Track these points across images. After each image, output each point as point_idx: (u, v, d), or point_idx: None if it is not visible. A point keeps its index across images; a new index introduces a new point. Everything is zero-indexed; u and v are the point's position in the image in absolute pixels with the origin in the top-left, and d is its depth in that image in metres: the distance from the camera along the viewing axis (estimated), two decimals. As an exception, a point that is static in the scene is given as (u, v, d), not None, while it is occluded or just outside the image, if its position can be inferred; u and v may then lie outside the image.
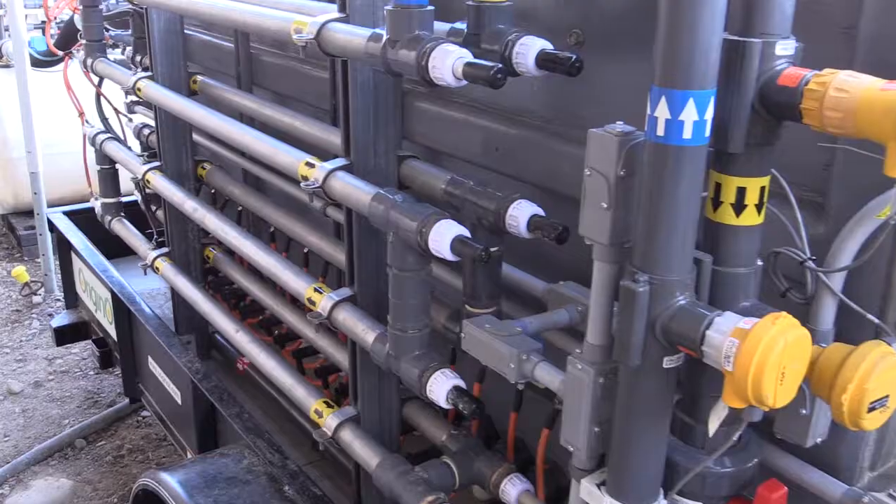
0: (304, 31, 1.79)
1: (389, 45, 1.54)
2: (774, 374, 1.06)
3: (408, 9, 1.51)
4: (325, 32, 1.74)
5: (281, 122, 2.50)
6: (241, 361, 3.03)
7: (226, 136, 2.48)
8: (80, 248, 3.79)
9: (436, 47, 1.46)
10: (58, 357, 4.96)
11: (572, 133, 1.78)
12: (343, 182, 1.82)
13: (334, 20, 1.76)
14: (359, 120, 1.87)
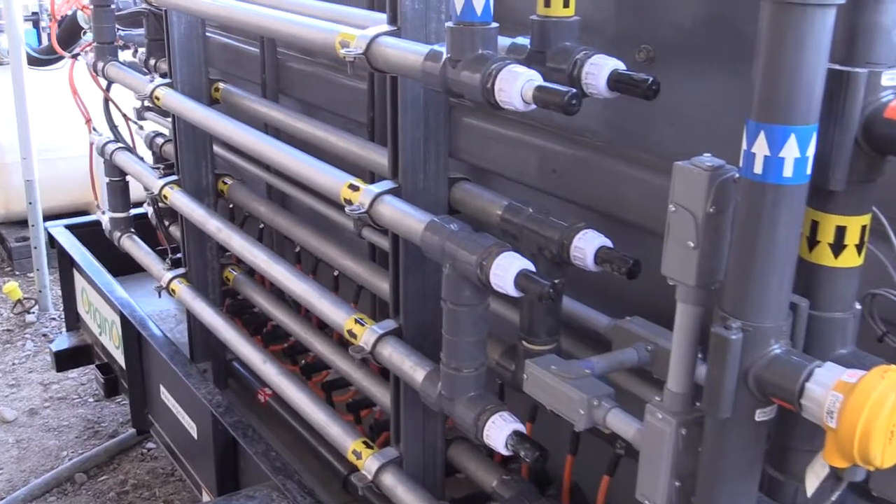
0: (352, 44, 1.84)
1: (450, 64, 1.58)
2: (884, 433, 1.08)
3: (471, 26, 1.55)
4: (375, 47, 1.79)
5: (313, 136, 2.55)
6: (262, 393, 3.08)
7: (257, 151, 2.54)
8: (85, 266, 3.86)
9: (502, 68, 1.50)
10: (54, 382, 5.03)
11: (640, 156, 1.81)
12: (392, 208, 1.86)
13: (385, 34, 1.80)
14: (408, 139, 1.91)
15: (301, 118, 2.67)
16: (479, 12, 1.54)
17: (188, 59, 2.95)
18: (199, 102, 2.90)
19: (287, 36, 2.11)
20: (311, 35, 2.01)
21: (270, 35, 2.22)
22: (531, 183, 2.07)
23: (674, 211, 1.28)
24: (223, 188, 3.13)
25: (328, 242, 2.69)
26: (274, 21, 2.15)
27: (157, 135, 3.62)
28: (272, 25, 2.14)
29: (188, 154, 3.04)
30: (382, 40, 1.78)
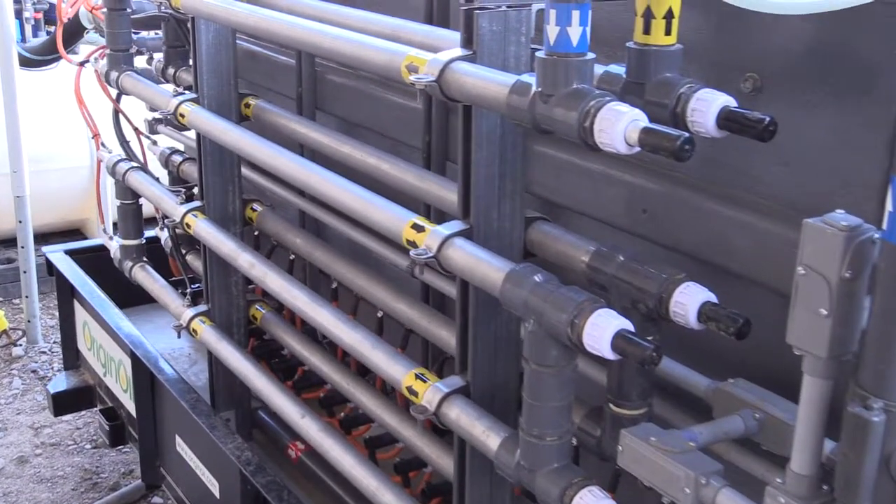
0: (422, 69, 1.89)
1: (541, 99, 1.63)
2: None
3: (565, 57, 1.60)
4: (449, 74, 1.84)
5: (358, 160, 2.61)
6: (294, 447, 3.13)
7: (299, 180, 2.60)
8: (89, 298, 3.94)
9: (602, 106, 1.54)
10: (46, 426, 5.11)
11: (747, 197, 1.85)
12: (464, 253, 1.91)
13: (460, 58, 1.86)
14: (482, 175, 1.96)
15: (344, 140, 2.73)
16: (574, 42, 1.59)
17: (216, 72, 3.03)
18: (228, 120, 2.97)
19: (342, 56, 2.17)
20: (372, 56, 2.07)
21: (323, 54, 2.29)
22: (616, 223, 2.12)
23: (803, 274, 1.32)
24: (251, 215, 3.19)
25: (373, 280, 2.74)
26: (327, 38, 2.21)
27: (174, 152, 3.70)
28: (325, 43, 2.21)
29: (214, 178, 3.11)
30: (458, 67, 1.84)
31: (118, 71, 3.52)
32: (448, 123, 2.57)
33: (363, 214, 2.25)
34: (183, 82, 3.50)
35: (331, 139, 2.79)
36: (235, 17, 2.61)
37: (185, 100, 3.03)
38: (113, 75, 3.53)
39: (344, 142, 2.74)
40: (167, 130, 3.79)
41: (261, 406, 3.35)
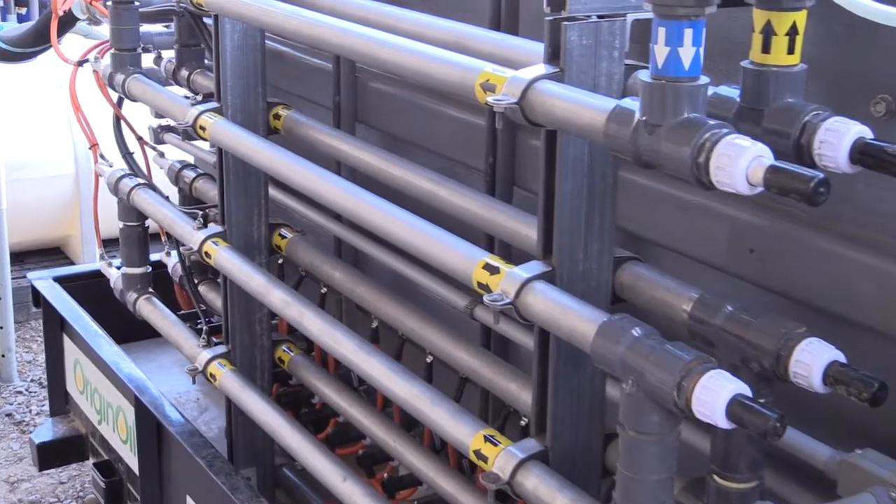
0: (501, 89, 1.94)
1: (646, 129, 1.67)
2: None
3: (676, 82, 1.64)
4: (534, 95, 1.89)
5: (411, 184, 2.66)
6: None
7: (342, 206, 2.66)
8: (83, 332, 4.00)
9: (720, 140, 1.58)
10: (23, 479, 5.19)
11: (878, 239, 1.88)
12: (548, 300, 1.95)
13: (545, 77, 1.91)
14: (566, 209, 2.00)
15: (390, 159, 2.79)
16: (686, 65, 1.64)
17: (242, 78, 3.09)
18: (255, 134, 3.03)
19: (403, 69, 2.22)
20: (439, 72, 2.12)
21: (380, 67, 2.34)
22: (716, 264, 2.15)
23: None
24: (279, 243, 3.25)
25: (423, 320, 2.79)
26: (385, 49, 2.27)
27: (185, 166, 3.77)
28: (383, 54, 2.26)
29: (238, 199, 3.17)
30: (544, 87, 1.88)
31: (124, 73, 3.59)
32: (516, 142, 2.62)
33: (422, 250, 2.30)
34: (199, 87, 3.56)
35: (374, 157, 2.84)
36: (272, 19, 2.67)
37: (206, 110, 3.09)
38: (118, 78, 3.60)
39: (390, 161, 2.78)
40: (174, 140, 3.87)
41: (286, 463, 3.40)
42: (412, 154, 2.92)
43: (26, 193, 6.71)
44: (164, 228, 3.52)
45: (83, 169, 6.81)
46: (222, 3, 2.88)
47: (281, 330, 3.48)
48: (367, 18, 2.59)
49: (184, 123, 3.12)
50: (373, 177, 2.84)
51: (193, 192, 3.66)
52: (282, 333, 3.45)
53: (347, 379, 3.30)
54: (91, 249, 6.83)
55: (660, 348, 1.75)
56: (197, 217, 3.34)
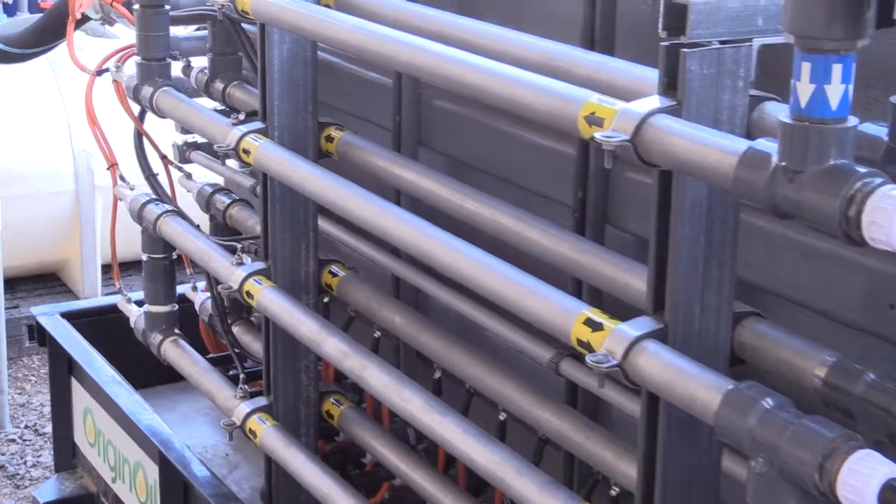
0: (610, 123, 1.98)
1: (785, 176, 1.70)
2: None
3: (821, 124, 1.67)
4: (649, 132, 1.92)
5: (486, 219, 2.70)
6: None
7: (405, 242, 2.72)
8: (98, 377, 4.06)
9: (874, 191, 1.61)
10: (21, 542, 5.25)
11: None
12: (661, 362, 1.98)
13: (661, 111, 1.94)
14: (682, 259, 2.03)
15: (460, 189, 2.83)
16: (834, 105, 1.67)
17: (291, 95, 3.15)
18: (305, 159, 3.09)
19: (492, 96, 2.27)
20: (533, 100, 2.16)
21: (465, 92, 2.37)
22: (851, 321, 2.17)
23: None
24: (330, 281, 3.30)
25: (496, 372, 2.82)
26: (470, 71, 2.31)
27: (217, 190, 3.83)
28: (467, 77, 2.31)
29: (284, 232, 3.23)
30: (661, 123, 1.92)
31: (152, 86, 3.66)
32: (610, 174, 2.65)
33: (506, 298, 2.34)
34: (236, 102, 3.63)
35: (439, 185, 2.89)
36: (333, 33, 2.73)
37: (250, 131, 3.15)
38: (145, 91, 3.67)
39: (457, 190, 2.83)
40: (202, 159, 3.93)
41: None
42: (483, 183, 2.96)
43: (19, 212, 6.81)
44: (197, 262, 3.57)
45: (84, 185, 6.93)
46: (273, 12, 2.94)
47: (326, 379, 3.53)
48: (442, 33, 2.65)
49: (224, 146, 3.18)
50: (437, 208, 2.89)
51: (228, 220, 3.71)
52: (328, 383, 3.49)
53: (403, 434, 3.34)
54: (92, 277, 6.94)
55: (797, 423, 1.77)
56: (235, 251, 3.39)
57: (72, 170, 6.94)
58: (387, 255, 3.30)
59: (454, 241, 2.58)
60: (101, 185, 6.96)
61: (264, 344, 3.32)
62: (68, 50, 3.98)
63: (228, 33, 3.68)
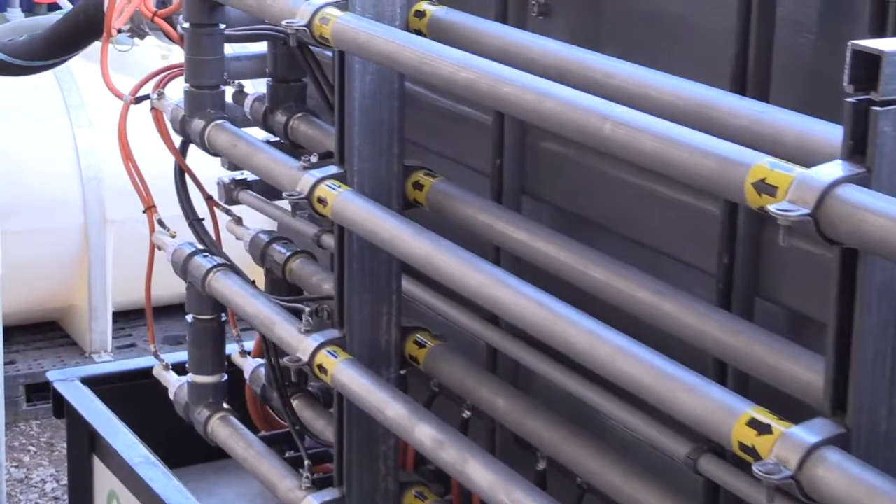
0: (784, 192, 2.01)
1: None
2: None
3: None
4: (834, 204, 1.94)
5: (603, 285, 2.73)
6: None
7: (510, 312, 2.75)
8: (128, 456, 4.11)
9: None
10: None
11: None
12: (846, 476, 1.99)
13: (847, 180, 1.97)
14: (868, 351, 2.05)
15: (569, 246, 2.87)
16: None
17: (373, 135, 3.21)
18: (388, 209, 3.13)
19: (636, 152, 2.30)
20: (689, 160, 2.19)
21: (601, 145, 2.39)
22: None
23: None
24: (415, 353, 3.35)
25: (617, 467, 2.84)
26: (607, 123, 2.34)
27: (275, 239, 3.88)
28: (605, 129, 2.33)
29: (363, 294, 3.28)
30: (849, 195, 1.94)
31: (203, 119, 3.74)
32: (762, 239, 2.68)
33: (654, 392, 2.36)
34: (301, 138, 3.69)
35: (546, 243, 2.92)
36: (434, 69, 2.77)
37: (327, 177, 3.20)
38: (195, 125, 3.74)
39: (568, 249, 2.86)
40: (251, 199, 3.98)
41: None
42: (600, 241, 2.99)
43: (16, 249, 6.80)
44: (257, 328, 3.63)
45: (93, 217, 7.00)
46: (361, 41, 2.99)
47: (407, 466, 3.57)
48: (561, 69, 2.69)
49: (296, 194, 3.23)
50: (544, 268, 2.93)
51: (287, 275, 3.76)
52: (409, 472, 3.53)
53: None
54: (102, 327, 7.03)
55: None
56: (303, 314, 3.44)
57: (79, 200, 7.02)
58: (482, 324, 3.33)
59: (574, 315, 2.60)
60: (114, 219, 7.06)
61: (336, 426, 3.37)
62: (102, 72, 4.04)
63: (292, 57, 3.74)
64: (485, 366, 3.42)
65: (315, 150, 3.57)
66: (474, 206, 3.14)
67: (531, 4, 3.20)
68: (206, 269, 3.80)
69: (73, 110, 7.10)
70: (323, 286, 3.61)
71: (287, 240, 3.90)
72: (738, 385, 2.63)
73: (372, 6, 3.10)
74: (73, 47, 5.54)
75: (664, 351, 2.45)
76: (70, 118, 7.12)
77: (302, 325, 3.38)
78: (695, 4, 2.84)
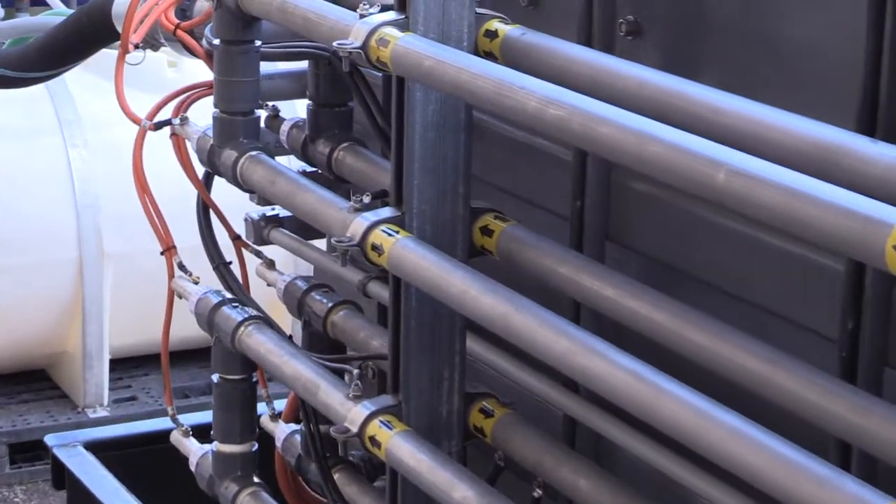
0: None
1: None
2: None
3: None
4: None
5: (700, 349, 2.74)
6: None
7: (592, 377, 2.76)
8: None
9: None
10: None
11: None
12: None
13: None
14: None
15: (662, 303, 2.87)
16: None
17: (436, 173, 3.22)
18: (452, 259, 3.15)
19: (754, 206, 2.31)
20: (819, 217, 2.19)
21: (714, 196, 2.39)
22: None
23: None
24: (481, 423, 3.37)
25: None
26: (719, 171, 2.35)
27: (313, 286, 3.90)
28: (717, 181, 2.33)
29: (422, 355, 3.30)
30: None
31: (236, 150, 3.77)
32: (894, 300, 2.69)
33: (770, 482, 2.37)
34: (348, 173, 3.72)
35: (635, 299, 2.92)
36: (517, 102, 2.77)
37: (381, 221, 3.22)
38: (226, 156, 3.77)
39: (661, 307, 2.87)
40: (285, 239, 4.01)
41: None
42: (698, 297, 3.00)
43: (0, 288, 6.91)
44: (298, 392, 3.65)
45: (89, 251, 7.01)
46: (425, 67, 3.00)
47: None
48: (665, 104, 2.69)
49: (346, 240, 3.24)
50: (633, 328, 2.95)
51: (329, 328, 3.78)
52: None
53: None
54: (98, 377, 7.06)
55: None
56: (347, 375, 3.46)
57: (73, 230, 7.02)
58: (559, 390, 3.35)
59: (679, 390, 2.59)
60: (113, 252, 7.08)
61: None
62: (117, 93, 4.08)
63: (337, 77, 3.77)
64: (561, 437, 3.43)
65: (364, 187, 3.59)
66: (553, 255, 3.15)
67: (619, 23, 3.22)
68: (237, 322, 3.82)
69: (66, 127, 7.12)
70: (371, 342, 3.64)
71: (327, 287, 3.92)
72: (864, 470, 2.64)
73: (437, 25, 3.13)
74: (74, 57, 5.59)
75: (773, 429, 2.46)
76: (63, 136, 7.13)
77: (350, 389, 3.40)
78: (817, 26, 2.84)
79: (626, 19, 3.21)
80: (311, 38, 3.58)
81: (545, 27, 3.21)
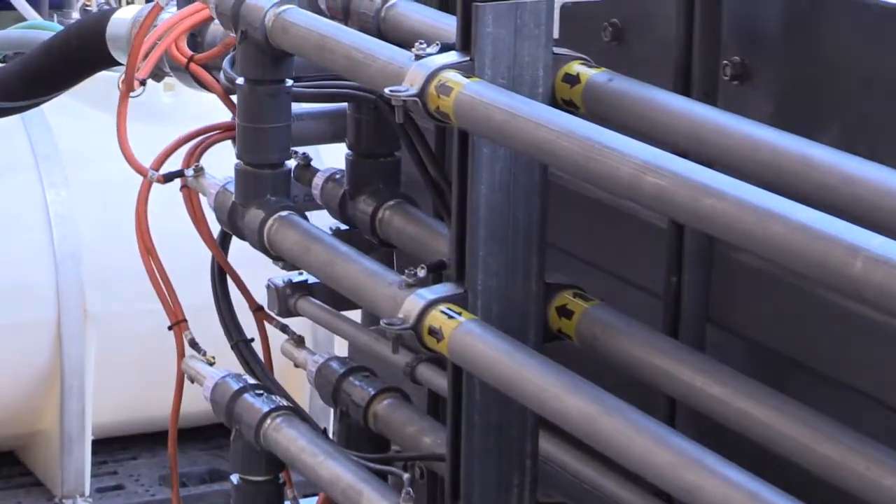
0: None
1: None
2: None
3: None
4: None
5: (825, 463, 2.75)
6: None
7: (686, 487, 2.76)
8: None
9: None
10: None
11: None
12: None
13: None
14: None
15: (779, 403, 2.88)
16: None
17: (504, 242, 3.23)
18: (525, 347, 3.15)
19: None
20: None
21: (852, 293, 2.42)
22: None
23: None
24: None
25: None
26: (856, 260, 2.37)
27: (351, 370, 3.91)
28: (864, 272, 2.33)
29: (487, 458, 3.31)
30: None
31: (263, 209, 3.78)
32: None
33: None
34: (396, 237, 3.73)
35: (745, 398, 2.91)
36: (606, 166, 2.78)
37: (441, 299, 3.22)
38: (250, 217, 3.79)
39: (779, 407, 2.87)
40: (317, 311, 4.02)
41: None
42: (819, 394, 3.02)
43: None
44: (336, 499, 3.67)
45: (69, 312, 7.01)
46: (495, 121, 3.00)
47: None
48: (784, 170, 2.69)
49: (398, 323, 3.25)
50: (744, 434, 2.95)
51: (371, 421, 3.79)
52: None
53: None
54: (78, 462, 7.05)
55: None
56: (398, 482, 3.48)
57: (51, 286, 7.03)
58: (646, 497, 3.36)
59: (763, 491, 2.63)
60: (97, 314, 7.07)
61: None
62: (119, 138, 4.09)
63: (382, 122, 3.77)
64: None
65: (414, 254, 3.59)
66: (644, 342, 3.15)
67: (723, 65, 3.22)
68: (262, 413, 3.83)
69: (44, 163, 7.12)
70: (422, 439, 3.64)
71: (368, 371, 3.92)
72: None
73: (507, 69, 3.13)
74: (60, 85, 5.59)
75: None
76: (40, 173, 7.14)
77: (400, 498, 3.40)
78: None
79: (731, 61, 3.20)
80: (354, 79, 3.59)
81: (631, 67, 3.22)
